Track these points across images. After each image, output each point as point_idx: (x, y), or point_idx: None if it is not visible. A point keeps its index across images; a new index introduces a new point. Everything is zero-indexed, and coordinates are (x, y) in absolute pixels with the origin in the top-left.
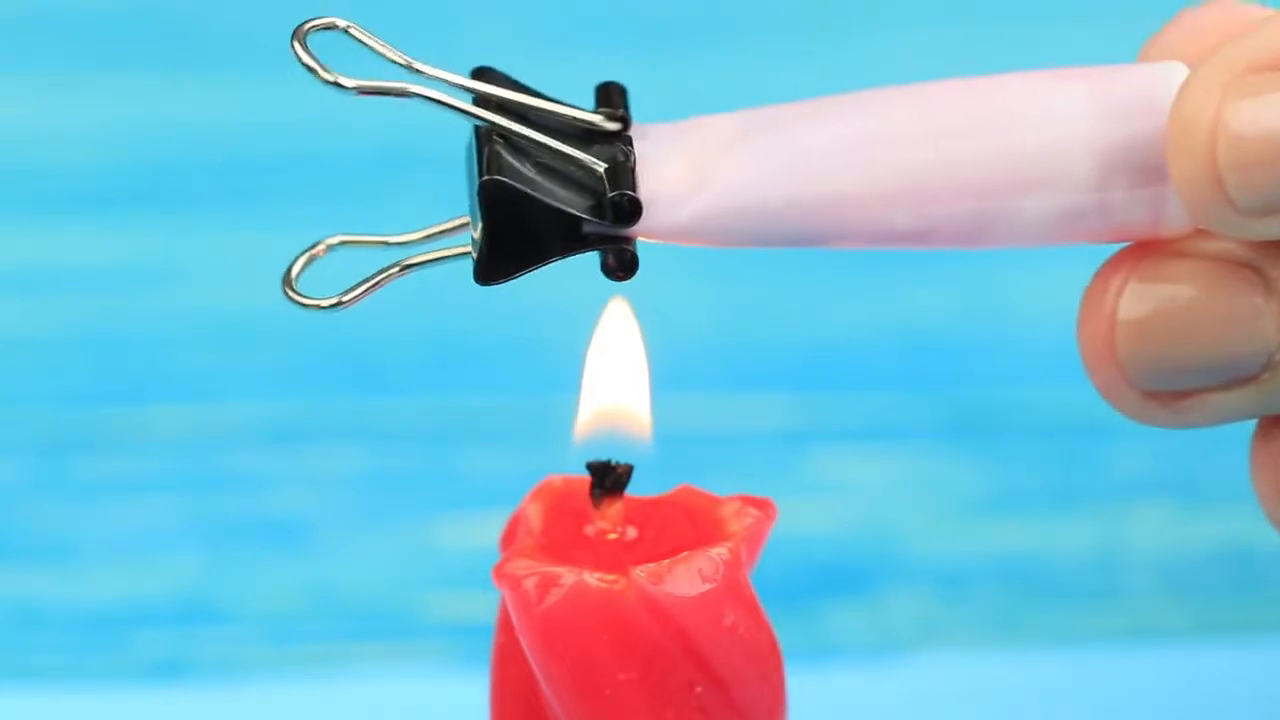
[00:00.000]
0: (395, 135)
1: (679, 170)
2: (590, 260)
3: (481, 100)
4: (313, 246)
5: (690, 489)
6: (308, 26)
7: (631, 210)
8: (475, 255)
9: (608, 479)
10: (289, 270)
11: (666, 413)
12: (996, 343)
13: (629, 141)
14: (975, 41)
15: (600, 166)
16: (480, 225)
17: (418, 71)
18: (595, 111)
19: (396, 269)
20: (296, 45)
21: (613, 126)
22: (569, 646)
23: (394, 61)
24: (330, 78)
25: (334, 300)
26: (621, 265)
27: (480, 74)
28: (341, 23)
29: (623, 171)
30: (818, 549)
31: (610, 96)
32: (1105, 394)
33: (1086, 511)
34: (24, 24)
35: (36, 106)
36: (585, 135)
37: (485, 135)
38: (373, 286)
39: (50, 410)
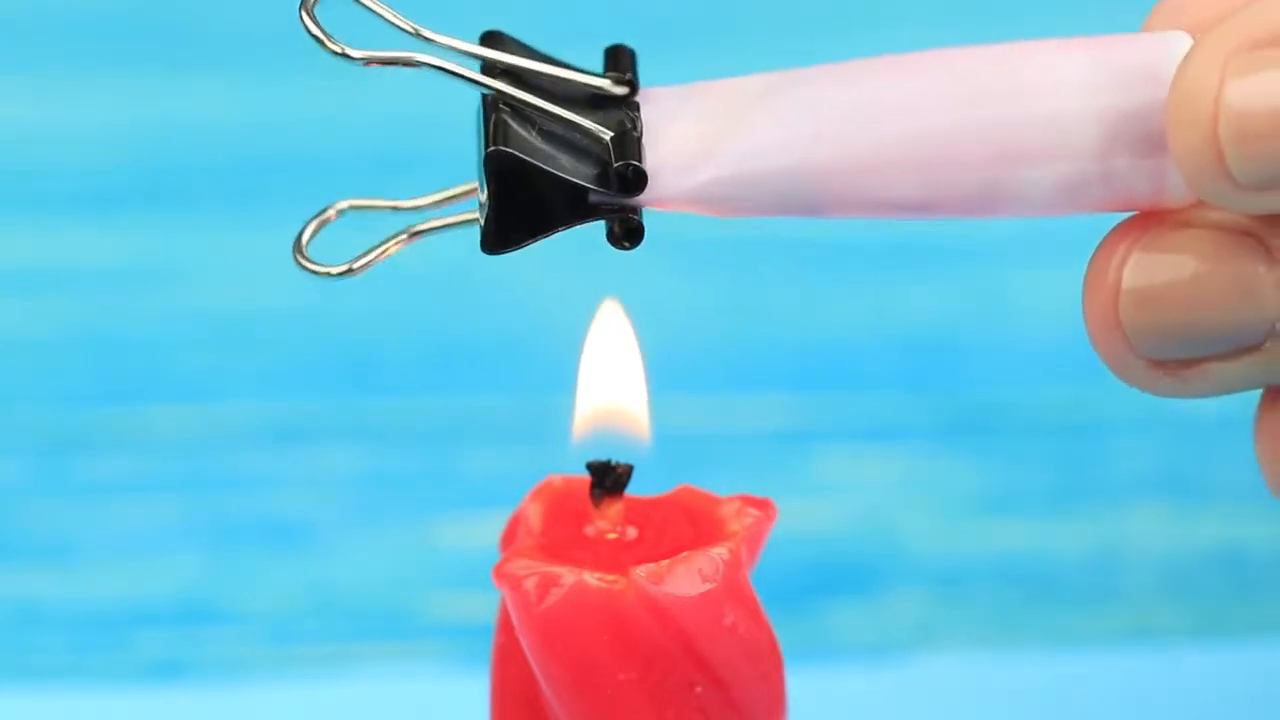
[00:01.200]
0: (396, 135)
1: (686, 137)
2: (591, 258)
3: (489, 67)
4: (323, 211)
5: (690, 489)
6: None
7: (635, 180)
8: (482, 224)
9: (608, 479)
10: (299, 236)
11: (666, 413)
12: (996, 343)
13: (636, 107)
14: (977, 40)
15: (606, 135)
16: (486, 194)
17: (425, 39)
18: (603, 76)
19: (405, 235)
20: (304, 15)
21: (620, 91)
22: (569, 646)
23: (401, 28)
24: (337, 48)
25: (344, 267)
26: (626, 234)
27: (489, 39)
28: None
29: (629, 141)
30: (818, 549)
31: (619, 60)
32: (1110, 363)
33: (1086, 511)
34: (24, 24)
35: (36, 106)
36: (593, 100)
37: (491, 103)
38: (382, 253)
39: (50, 410)
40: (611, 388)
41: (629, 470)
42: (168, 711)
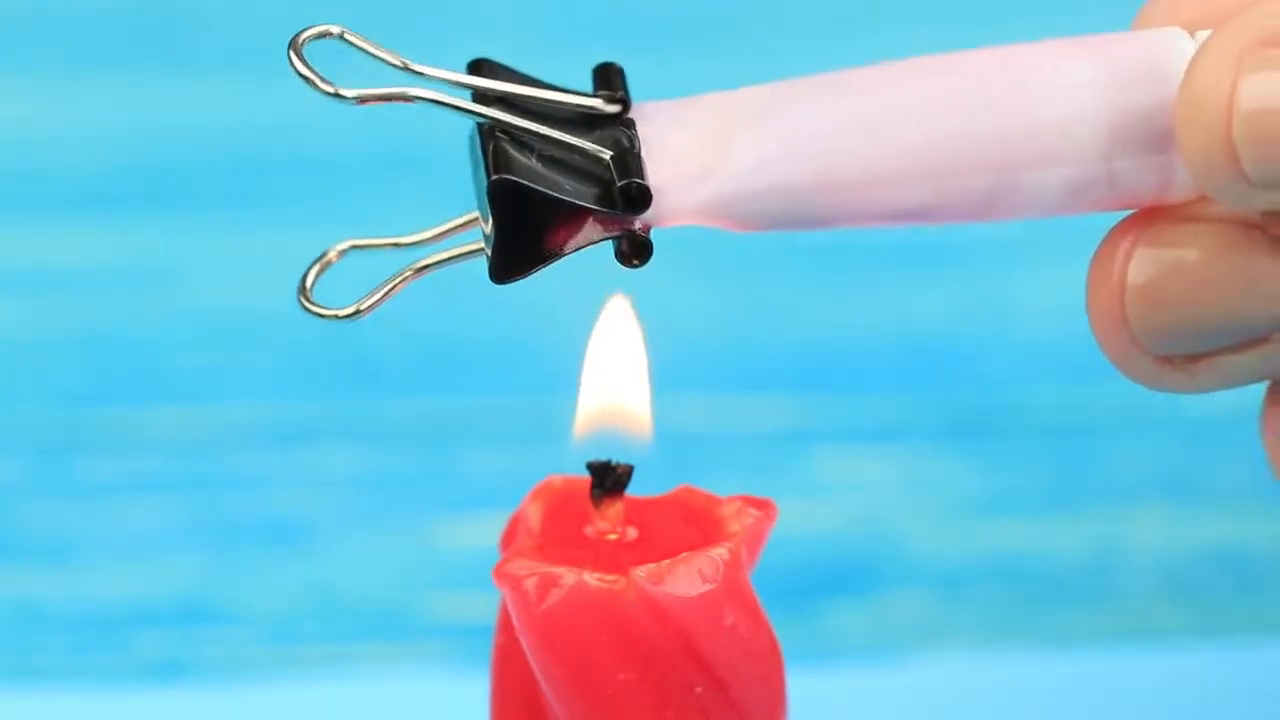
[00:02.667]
0: (396, 134)
1: (687, 152)
2: (591, 257)
3: (480, 95)
4: (323, 255)
5: (690, 489)
6: (303, 36)
7: (640, 197)
8: (489, 253)
9: (608, 479)
10: (303, 280)
11: (666, 413)
12: (996, 343)
13: (631, 125)
14: (977, 40)
15: (606, 154)
16: (491, 223)
17: (415, 72)
18: (594, 95)
19: (411, 272)
20: (293, 56)
21: (613, 109)
22: (569, 646)
23: (390, 63)
24: (329, 89)
25: (352, 309)
26: (635, 251)
27: (476, 66)
28: (335, 29)
29: (630, 158)
30: (818, 549)
31: (609, 78)
32: (1116, 360)
33: (1086, 511)
34: (24, 24)
35: (36, 106)
36: (586, 120)
37: (488, 131)
38: (389, 291)
39: (50, 410)
40: (613, 386)
41: (629, 470)
42: (168, 711)
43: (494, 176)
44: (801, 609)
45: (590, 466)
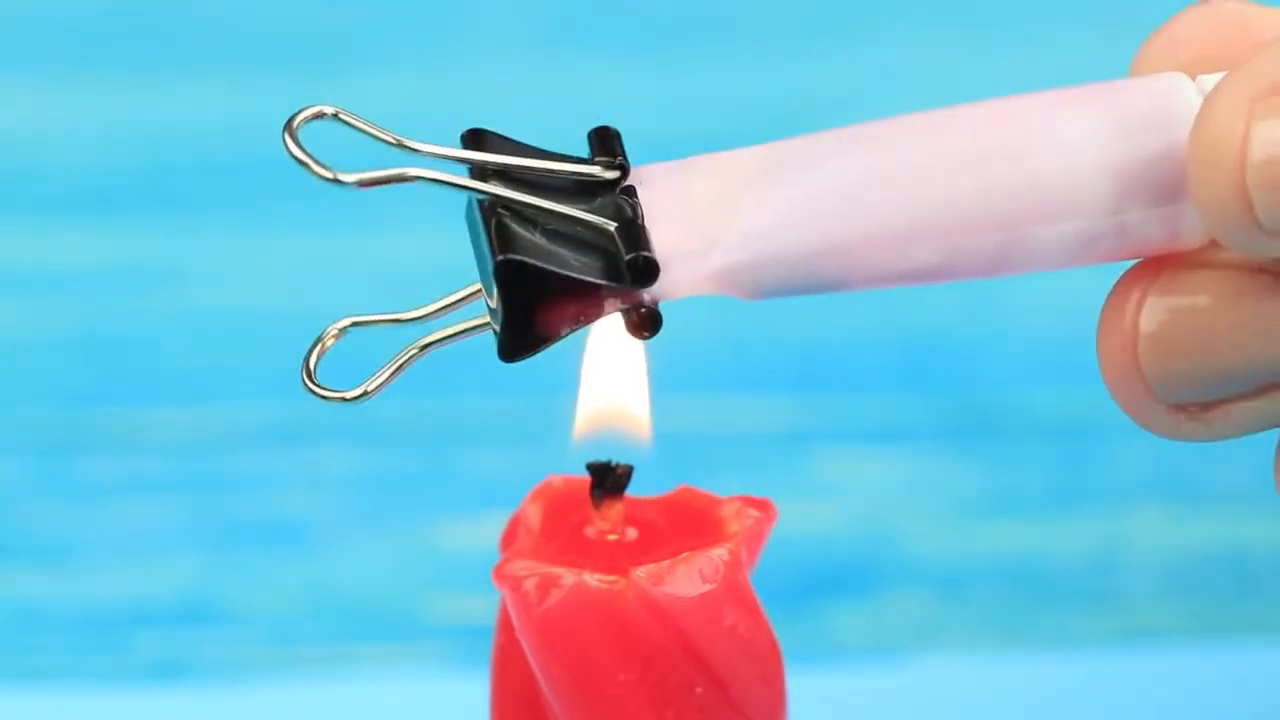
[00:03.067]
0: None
1: (692, 220)
2: None
3: (479, 169)
4: (321, 336)
5: (690, 489)
6: (298, 120)
7: (648, 271)
8: (497, 330)
9: (608, 480)
10: (306, 362)
11: (666, 413)
12: (996, 343)
13: (632, 191)
14: (977, 41)
15: (611, 226)
16: (499, 302)
17: (409, 149)
18: (593, 161)
19: (416, 349)
20: (288, 140)
21: (612, 175)
22: (569, 647)
23: (384, 141)
24: (328, 175)
25: (359, 391)
26: (644, 323)
27: (471, 137)
28: (329, 110)
29: (636, 230)
30: (818, 549)
31: (606, 143)
32: (1130, 410)
33: (1086, 512)
34: (23, 24)
35: (36, 106)
36: (585, 187)
37: (489, 208)
38: (395, 372)
39: (50, 410)
40: (613, 387)
41: (629, 471)
42: (168, 711)
43: (500, 257)
44: (801, 609)
45: (590, 467)
